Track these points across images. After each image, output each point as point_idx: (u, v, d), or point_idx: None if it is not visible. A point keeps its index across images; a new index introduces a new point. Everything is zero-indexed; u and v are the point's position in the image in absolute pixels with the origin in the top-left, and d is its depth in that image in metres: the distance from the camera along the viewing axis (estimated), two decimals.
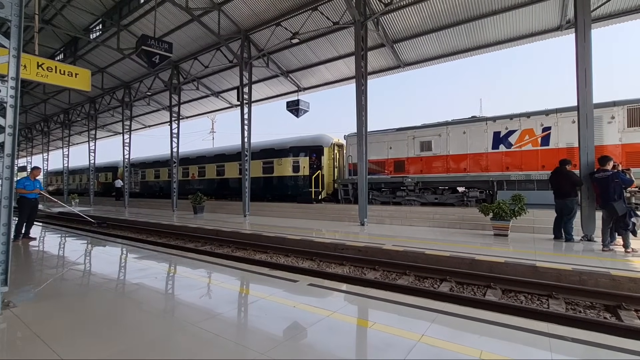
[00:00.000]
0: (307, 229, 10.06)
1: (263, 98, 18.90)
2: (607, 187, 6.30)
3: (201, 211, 16.03)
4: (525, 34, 11.31)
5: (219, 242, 9.23)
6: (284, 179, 16.62)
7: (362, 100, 10.47)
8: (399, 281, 5.54)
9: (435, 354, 2.43)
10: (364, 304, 3.64)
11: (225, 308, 3.40)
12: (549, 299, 4.53)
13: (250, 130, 14.28)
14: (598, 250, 6.35)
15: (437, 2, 10.61)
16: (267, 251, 7.94)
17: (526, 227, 8.64)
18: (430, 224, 10.34)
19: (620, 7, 9.60)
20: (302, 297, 3.82)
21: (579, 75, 7.30)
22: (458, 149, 11.82)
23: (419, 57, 13.34)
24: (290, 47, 14.03)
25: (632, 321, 3.84)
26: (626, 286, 4.50)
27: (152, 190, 24.65)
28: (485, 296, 4.76)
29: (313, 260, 7.02)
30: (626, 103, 9.29)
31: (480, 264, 5.64)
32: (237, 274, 4.90)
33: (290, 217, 13.45)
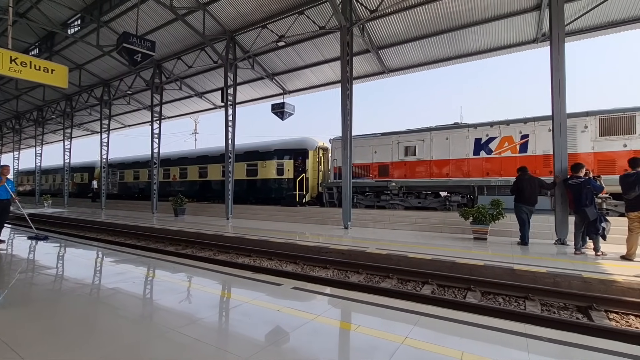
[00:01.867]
0: (291, 232, 10.00)
1: (248, 100, 18.74)
2: (579, 193, 6.59)
3: (182, 214, 15.67)
4: (504, 45, 11.74)
5: (200, 245, 9.04)
6: (268, 181, 16.51)
7: (347, 105, 10.56)
8: (382, 284, 5.58)
9: (418, 356, 2.45)
10: (348, 307, 3.65)
11: (206, 313, 3.32)
12: (526, 301, 4.68)
13: (234, 132, 14.12)
14: (571, 253, 6.62)
15: (421, 11, 10.87)
16: (250, 254, 7.84)
17: (504, 231, 8.91)
18: (413, 228, 10.50)
19: (592, 22, 10.12)
20: (286, 300, 3.78)
21: (554, 85, 7.64)
22: (441, 155, 12.09)
23: (403, 63, 13.60)
24: (276, 50, 14.01)
25: (602, 321, 4.01)
26: (597, 288, 4.71)
27: (130, 191, 23.91)
28: (466, 298, 4.86)
29: (297, 263, 6.99)
30: (598, 113, 9.78)
31: (460, 267, 5.77)
32: (220, 277, 4.80)
33: (274, 220, 13.36)
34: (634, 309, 4.20)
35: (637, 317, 4.12)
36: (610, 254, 6.36)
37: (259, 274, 4.97)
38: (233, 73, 14.00)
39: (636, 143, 9.25)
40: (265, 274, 5.26)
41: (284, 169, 16.04)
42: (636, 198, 5.88)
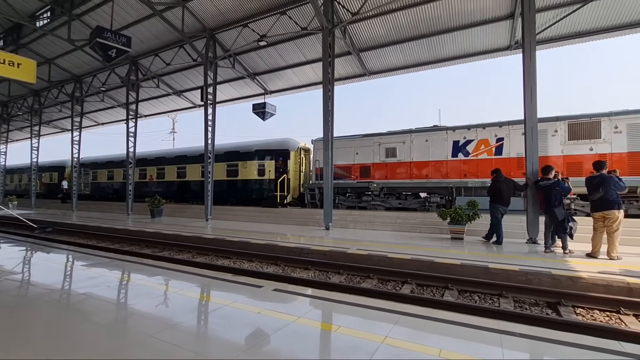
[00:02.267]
0: (272, 233, 9.93)
1: (228, 99, 18.46)
2: (549, 194, 6.91)
3: (159, 215, 15.22)
4: (479, 51, 12.17)
5: (178, 248, 8.81)
6: (249, 182, 16.32)
7: (329, 106, 10.61)
8: (363, 284, 5.63)
9: (398, 355, 2.49)
10: (329, 308, 3.66)
11: (185, 317, 3.24)
12: (500, 298, 4.85)
13: (214, 131, 13.87)
14: (541, 252, 6.93)
15: (401, 16, 11.08)
16: (230, 256, 7.71)
17: (480, 230, 9.18)
18: (393, 228, 10.67)
19: (561, 32, 10.66)
20: (266, 302, 3.75)
21: (526, 91, 7.98)
22: (421, 156, 12.36)
23: (384, 66, 13.81)
24: (258, 50, 13.88)
25: (570, 316, 4.22)
26: (565, 284, 4.95)
27: (104, 192, 22.98)
28: (444, 297, 4.99)
29: (278, 265, 6.94)
30: (567, 118, 10.30)
31: (439, 266, 5.91)
32: (198, 280, 4.70)
33: (255, 221, 13.21)
34: (598, 303, 4.45)
35: (601, 311, 4.36)
36: (577, 252, 6.70)
37: (239, 276, 4.90)
38: (213, 72, 13.76)
39: (601, 147, 9.81)
40: (245, 275, 5.19)
41: (265, 169, 15.91)
42: (600, 199, 6.23)
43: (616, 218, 6.09)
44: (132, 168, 17.01)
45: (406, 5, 10.57)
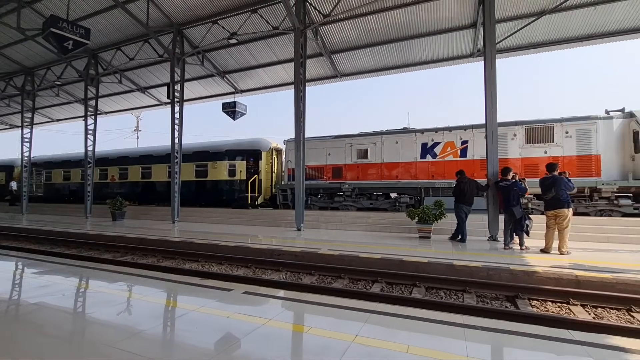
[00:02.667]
0: (243, 235, 9.74)
1: (196, 97, 17.88)
2: (508, 194, 7.36)
3: (122, 217, 14.43)
4: (445, 57, 12.70)
5: (142, 252, 8.40)
6: (219, 183, 15.91)
7: (301, 107, 10.60)
8: (335, 284, 5.68)
9: (368, 353, 2.53)
10: (301, 309, 3.65)
11: (149, 324, 3.09)
12: (464, 293, 5.09)
13: (181, 130, 13.38)
14: (501, 248, 7.35)
15: (372, 20, 11.30)
16: (198, 259, 7.46)
17: (446, 229, 9.57)
18: (364, 228, 10.85)
19: (519, 42, 11.37)
20: (236, 306, 3.67)
21: (487, 97, 8.44)
22: (391, 158, 12.67)
23: (355, 69, 14.01)
24: (228, 47, 13.57)
25: (526, 308, 4.51)
26: (521, 278, 5.29)
27: (60, 194, 21.41)
28: (412, 294, 5.14)
29: (248, 267, 6.82)
30: (525, 123, 11.01)
31: (407, 264, 6.09)
32: (164, 285, 4.50)
33: (225, 223, 12.90)
34: (551, 296, 4.79)
35: (553, 302, 4.70)
36: (533, 247, 7.18)
37: (208, 280, 4.76)
38: (180, 68, 13.27)
39: (554, 150, 10.58)
40: (214, 279, 5.06)
41: (236, 170, 15.58)
42: (552, 198, 6.72)
43: (566, 216, 6.59)
44: (92, 168, 16.00)
45: (376, 10, 10.80)
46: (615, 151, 10.07)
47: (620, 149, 10.05)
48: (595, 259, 6.11)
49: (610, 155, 10.06)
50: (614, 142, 10.10)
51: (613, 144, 10.10)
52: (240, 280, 5.59)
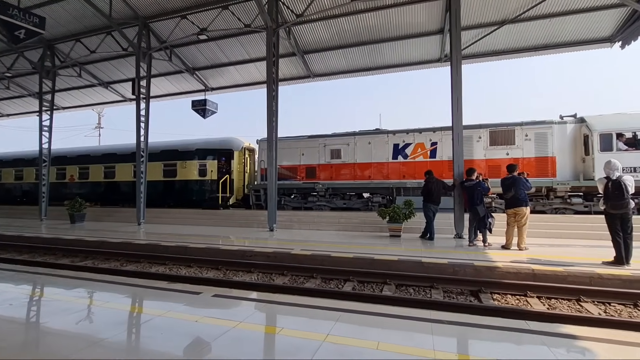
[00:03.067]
0: (213, 236, 9.50)
1: (164, 94, 17.20)
2: (472, 194, 7.71)
3: (81, 220, 13.58)
4: (415, 61, 13.11)
5: (104, 256, 7.95)
6: (189, 183, 15.38)
7: (273, 106, 10.51)
8: (307, 284, 5.68)
9: (339, 352, 2.56)
10: (273, 310, 3.62)
11: (111, 332, 2.93)
12: (432, 289, 5.27)
13: (147, 128, 12.81)
14: (466, 245, 7.69)
15: (344, 22, 11.42)
16: (165, 262, 7.18)
17: (415, 228, 9.86)
18: (337, 228, 10.94)
19: (482, 49, 11.96)
20: (205, 309, 3.57)
21: (453, 101, 8.80)
22: (364, 158, 12.86)
23: (328, 69, 14.10)
24: (198, 43, 13.17)
25: (489, 302, 4.76)
26: (484, 274, 5.57)
27: (10, 195, 19.75)
28: (383, 292, 5.26)
29: (219, 269, 6.65)
30: (489, 126, 11.59)
31: (378, 263, 6.22)
32: (128, 290, 4.29)
33: (195, 225, 12.50)
34: (510, 289, 5.08)
35: (513, 295, 4.99)
36: (495, 244, 7.57)
37: (175, 283, 4.59)
38: (147, 63, 12.70)
39: (515, 152, 11.23)
40: (182, 282, 4.89)
41: (207, 169, 15.15)
42: (512, 198, 7.14)
43: (524, 214, 7.03)
44: (47, 167, 14.92)
45: (349, 12, 10.93)
46: (568, 153, 10.86)
47: (572, 152, 10.85)
48: (550, 254, 6.56)
49: (564, 157, 10.84)
50: (567, 145, 10.89)
51: (566, 147, 10.88)
52: (210, 282, 5.45)
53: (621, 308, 4.47)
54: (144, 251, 7.93)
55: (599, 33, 11.01)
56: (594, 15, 10.29)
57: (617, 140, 9.99)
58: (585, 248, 7.23)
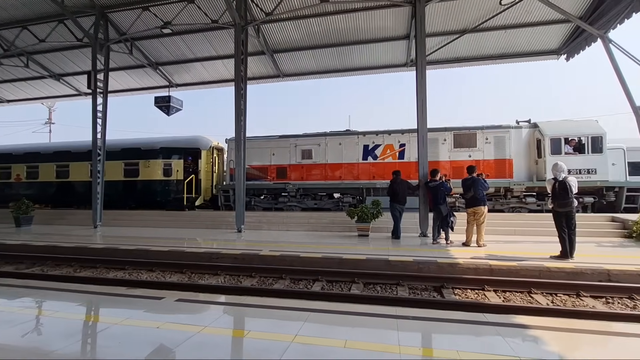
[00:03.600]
0: (177, 238, 9.13)
1: (124, 89, 16.29)
2: (436, 194, 8.05)
3: (28, 223, 12.48)
4: (382, 65, 13.46)
5: (55, 262, 7.36)
6: (153, 183, 14.60)
7: (242, 105, 10.31)
8: (276, 285, 5.63)
9: (306, 352, 2.56)
10: (240, 313, 3.55)
11: (62, 343, 2.72)
12: (397, 286, 5.43)
13: (105, 124, 12.04)
14: (430, 243, 8.01)
15: (314, 23, 11.44)
16: (125, 267, 6.78)
17: (383, 227, 10.07)
18: (306, 228, 10.93)
19: (445, 56, 12.53)
20: (168, 315, 3.42)
21: (418, 104, 9.13)
22: (335, 159, 12.96)
23: (298, 70, 14.08)
24: (161, 37, 12.59)
25: (450, 297, 4.99)
26: (446, 270, 5.83)
27: None
28: (351, 290, 5.34)
29: (183, 272, 6.40)
30: (453, 129, 12.14)
31: (347, 262, 6.31)
32: (82, 298, 4.01)
33: (157, 227, 11.92)
34: (470, 284, 5.37)
35: (472, 289, 5.27)
36: (456, 241, 7.93)
37: (135, 289, 4.37)
38: (104, 56, 11.93)
39: (477, 154, 11.84)
40: (143, 287, 4.65)
41: (172, 169, 14.50)
42: (471, 197, 7.54)
43: (483, 213, 7.45)
44: None
45: (318, 13, 10.97)
46: (524, 156, 11.66)
47: (527, 155, 11.67)
48: (505, 250, 7.01)
49: (520, 160, 11.62)
50: (522, 149, 11.68)
51: (522, 150, 11.68)
52: (174, 287, 5.23)
53: (566, 298, 4.87)
54: (101, 256, 7.44)
55: (548, 46, 11.96)
56: (543, 29, 11.16)
57: (566, 145, 10.88)
58: (536, 244, 7.79)
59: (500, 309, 4.14)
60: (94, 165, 11.91)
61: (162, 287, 5.11)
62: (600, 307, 4.51)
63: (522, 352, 2.54)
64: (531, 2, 9.53)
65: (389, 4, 9.97)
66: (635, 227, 8.17)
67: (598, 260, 5.84)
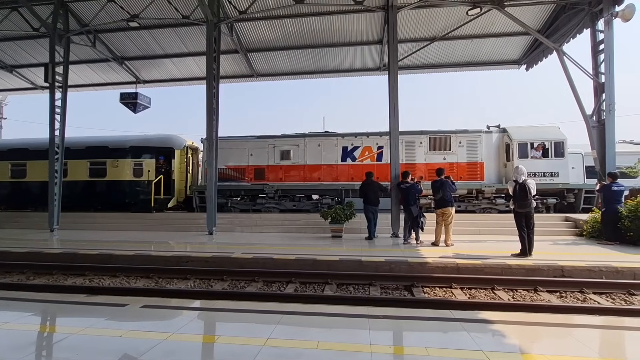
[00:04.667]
0: (144, 242, 8.73)
1: (88, 84, 15.41)
2: (407, 195, 8.27)
3: None
4: (355, 68, 13.69)
5: (4, 269, 6.77)
6: (122, 184, 13.80)
7: (214, 104, 10.07)
8: (248, 289, 5.53)
9: (279, 354, 2.53)
10: (210, 318, 3.45)
11: (10, 356, 2.51)
12: (370, 286, 5.51)
13: (64, 121, 11.30)
14: (401, 243, 8.21)
15: (289, 23, 11.40)
16: (85, 273, 6.37)
17: (357, 228, 10.17)
18: (281, 230, 10.82)
19: (416, 62, 12.95)
20: (132, 322, 3.26)
21: (390, 108, 9.37)
22: (314, 160, 12.94)
23: (272, 70, 13.97)
24: (127, 31, 12.01)
25: (420, 295, 5.14)
26: (416, 269, 6.01)
27: None
28: (324, 291, 5.35)
29: (150, 277, 6.12)
30: (429, 133, 12.51)
31: (320, 263, 6.32)
32: (36, 307, 3.73)
33: (123, 230, 11.31)
34: (438, 282, 5.55)
35: (440, 287, 5.46)
36: (426, 241, 8.18)
37: (96, 296, 4.12)
38: (64, 48, 11.19)
39: (451, 157, 12.25)
40: (105, 294, 4.40)
41: (143, 169, 13.83)
42: (440, 199, 7.83)
43: (450, 213, 7.76)
44: None
45: (293, 14, 10.95)
46: (493, 159, 12.25)
47: (496, 158, 12.27)
48: (472, 249, 7.33)
49: (490, 163, 12.19)
50: (492, 152, 12.27)
51: (492, 153, 12.26)
52: (139, 293, 4.99)
53: (525, 293, 5.17)
54: (58, 261, 6.95)
55: (509, 56, 12.71)
56: (505, 40, 11.85)
57: (532, 149, 11.53)
58: (499, 242, 8.21)
59: (466, 306, 4.32)
60: (50, 164, 11.14)
61: (126, 294, 4.87)
62: (555, 301, 4.83)
63: (486, 345, 2.66)
64: (495, 14, 10.06)
65: (363, 9, 10.14)
66: (586, 227, 8.84)
67: (553, 258, 6.25)
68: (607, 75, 8.63)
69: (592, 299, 4.92)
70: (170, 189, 13.92)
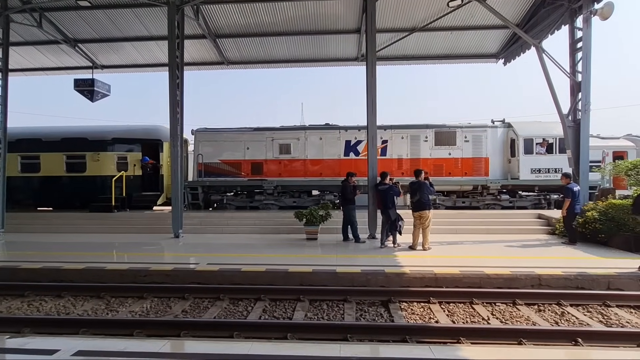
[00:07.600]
0: (100, 250, 7.94)
1: (36, 68, 13.94)
2: (385, 197, 7.93)
3: None
4: (333, 57, 13.09)
5: None
6: (105, 179, 12.56)
7: (177, 94, 9.23)
8: (211, 310, 5.00)
9: None
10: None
11: None
12: (345, 303, 5.13)
13: (5, 109, 10.09)
14: (378, 247, 7.91)
15: (261, 8, 10.50)
16: (24, 293, 5.58)
17: (333, 228, 9.76)
18: (252, 230, 10.27)
19: (395, 53, 12.48)
20: None
21: (368, 102, 8.90)
22: (315, 154, 12.36)
23: (244, 58, 13.11)
24: (78, 10, 10.71)
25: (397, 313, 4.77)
26: (394, 281, 5.71)
27: None
28: (295, 310, 4.92)
29: (101, 297, 5.44)
30: (434, 127, 12.19)
31: (292, 275, 5.88)
32: None
33: (80, 232, 10.36)
34: (416, 296, 5.27)
35: (418, 302, 5.17)
36: (403, 244, 7.94)
37: (22, 337, 3.47)
38: (2, 27, 9.85)
39: (456, 152, 12.04)
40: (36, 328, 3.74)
41: (128, 163, 12.78)
42: (417, 201, 7.55)
43: (427, 217, 7.50)
44: None
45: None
46: (498, 155, 12.14)
47: (501, 153, 12.16)
48: (449, 254, 7.15)
49: (495, 158, 12.09)
50: (497, 148, 12.15)
51: (497, 149, 12.14)
52: (79, 324, 4.30)
53: (504, 308, 4.97)
54: None
55: (488, 50, 12.51)
56: (485, 33, 11.60)
57: (537, 145, 11.47)
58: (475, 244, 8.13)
59: (447, 332, 4.03)
60: None
61: (62, 325, 4.21)
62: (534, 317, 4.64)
63: None
64: (475, 5, 9.69)
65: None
66: (558, 226, 8.91)
67: (530, 265, 6.15)
68: (584, 74, 8.55)
69: (569, 312, 4.80)
70: (158, 184, 12.93)
